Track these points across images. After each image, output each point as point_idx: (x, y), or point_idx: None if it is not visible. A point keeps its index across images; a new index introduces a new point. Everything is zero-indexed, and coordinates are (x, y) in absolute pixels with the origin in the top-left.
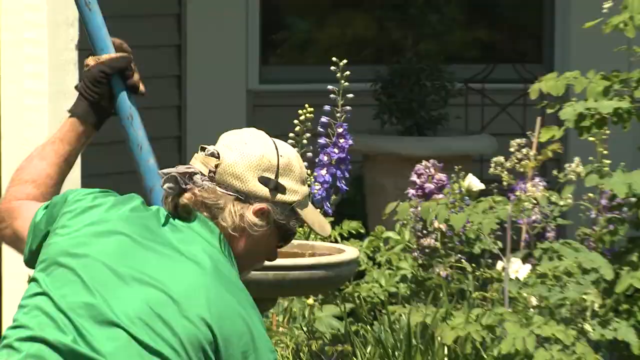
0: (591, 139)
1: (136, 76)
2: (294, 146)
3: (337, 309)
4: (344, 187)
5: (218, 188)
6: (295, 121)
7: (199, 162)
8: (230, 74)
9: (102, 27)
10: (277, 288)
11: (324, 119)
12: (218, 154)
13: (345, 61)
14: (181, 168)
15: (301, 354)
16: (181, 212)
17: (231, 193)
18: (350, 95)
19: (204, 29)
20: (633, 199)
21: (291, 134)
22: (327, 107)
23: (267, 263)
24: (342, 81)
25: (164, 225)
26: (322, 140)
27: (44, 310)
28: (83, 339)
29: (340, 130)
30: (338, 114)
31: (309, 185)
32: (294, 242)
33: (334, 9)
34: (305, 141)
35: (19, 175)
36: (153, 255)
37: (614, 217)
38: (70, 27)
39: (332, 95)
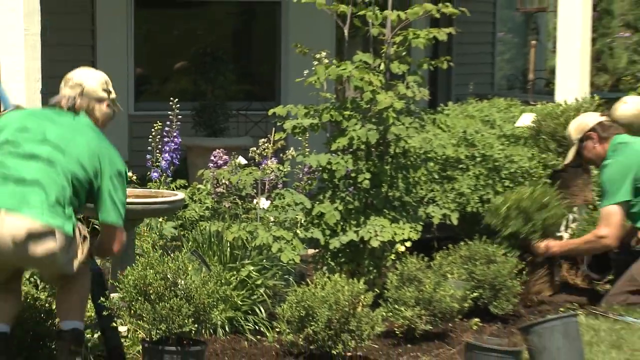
0: (300, 138)
1: None
2: (152, 144)
3: (174, 223)
4: (177, 162)
5: (87, 98)
6: (152, 130)
7: (68, 89)
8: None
9: None
10: (143, 213)
11: (166, 128)
12: (82, 83)
13: (177, 99)
14: (67, 91)
15: (156, 246)
16: (72, 111)
17: (93, 99)
18: (180, 116)
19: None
20: (320, 168)
21: (150, 137)
22: (168, 122)
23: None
24: (176, 110)
25: (62, 115)
26: (166, 139)
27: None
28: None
29: (175, 134)
30: (174, 126)
31: (160, 153)
32: (153, 190)
33: (175, 73)
34: (157, 140)
35: None
36: (54, 124)
37: (311, 177)
38: (37, 82)
39: (171, 117)
